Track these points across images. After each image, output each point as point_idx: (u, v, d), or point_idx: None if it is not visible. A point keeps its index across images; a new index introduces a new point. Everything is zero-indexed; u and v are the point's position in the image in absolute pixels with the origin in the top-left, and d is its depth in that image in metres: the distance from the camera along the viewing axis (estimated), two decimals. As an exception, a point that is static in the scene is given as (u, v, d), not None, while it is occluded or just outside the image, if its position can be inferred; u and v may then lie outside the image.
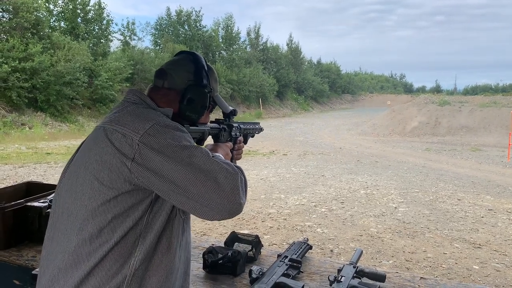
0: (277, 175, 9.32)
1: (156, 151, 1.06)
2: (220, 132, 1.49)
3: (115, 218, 1.07)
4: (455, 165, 11.21)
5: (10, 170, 9.16)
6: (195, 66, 1.32)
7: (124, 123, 1.12)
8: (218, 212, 1.06)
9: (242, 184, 1.10)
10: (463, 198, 7.44)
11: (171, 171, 1.05)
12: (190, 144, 1.11)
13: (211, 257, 1.74)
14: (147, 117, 1.13)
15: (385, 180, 8.97)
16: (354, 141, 16.87)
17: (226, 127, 1.53)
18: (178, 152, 1.06)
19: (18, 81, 16.82)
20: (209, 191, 1.04)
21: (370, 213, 6.46)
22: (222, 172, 1.07)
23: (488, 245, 5.13)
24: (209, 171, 1.06)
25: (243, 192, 1.10)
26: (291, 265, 1.68)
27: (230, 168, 1.09)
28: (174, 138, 1.09)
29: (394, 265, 4.48)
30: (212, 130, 1.45)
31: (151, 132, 1.08)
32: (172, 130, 1.11)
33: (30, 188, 2.34)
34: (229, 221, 5.93)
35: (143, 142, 1.07)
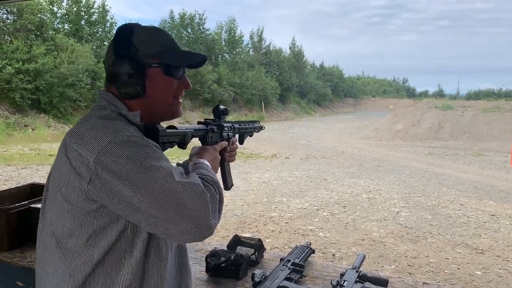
0: (279, 179, 9.32)
1: (113, 174, 0.97)
2: (207, 134, 1.37)
3: (94, 235, 1.03)
4: (458, 170, 11.18)
5: (13, 171, 9.18)
6: (115, 38, 1.16)
7: (81, 140, 1.03)
8: (186, 236, 1.00)
9: (213, 204, 1.02)
10: (465, 203, 7.42)
11: (131, 195, 0.97)
12: (151, 163, 0.99)
13: (214, 260, 1.74)
14: (105, 133, 1.02)
15: (387, 184, 8.96)
16: (357, 145, 16.85)
17: (216, 128, 1.42)
18: (138, 174, 0.97)
19: (22, 82, 16.90)
20: (174, 215, 0.97)
21: (372, 217, 6.45)
22: (187, 193, 0.98)
23: (491, 251, 5.12)
24: (173, 193, 0.97)
25: (215, 213, 1.02)
26: (294, 269, 1.67)
27: (198, 188, 1.00)
28: (133, 157, 0.98)
29: (396, 270, 4.47)
30: (197, 132, 1.33)
31: (107, 152, 0.98)
32: (130, 148, 0.99)
33: (34, 190, 2.34)
34: (231, 224, 5.93)
35: (99, 164, 0.97)
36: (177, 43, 1.21)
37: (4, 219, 1.92)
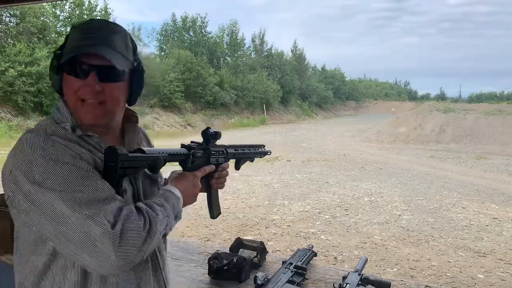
0: (281, 181, 9.32)
1: (21, 193, 0.95)
2: (188, 159, 1.24)
3: (34, 245, 1.03)
4: (460, 173, 11.16)
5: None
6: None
7: (9, 154, 1.02)
8: (90, 268, 0.95)
9: (129, 242, 0.93)
10: (467, 206, 7.41)
11: (36, 217, 0.95)
12: (55, 187, 0.93)
13: (216, 263, 1.74)
14: (21, 150, 0.98)
15: (389, 187, 8.95)
16: (358, 148, 16.84)
17: (202, 152, 1.30)
18: (39, 197, 0.93)
19: (24, 85, 16.98)
20: (73, 246, 0.92)
21: (374, 220, 6.44)
22: (89, 227, 0.91)
23: (493, 254, 5.11)
24: (72, 223, 0.91)
25: (127, 252, 0.93)
26: (296, 272, 1.68)
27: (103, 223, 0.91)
28: (37, 179, 0.94)
29: (398, 273, 4.47)
30: (173, 157, 1.20)
31: (17, 170, 0.96)
32: (38, 168, 0.94)
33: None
34: (233, 227, 5.93)
35: (11, 181, 0.96)
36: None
37: (7, 222, 1.93)
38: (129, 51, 1.11)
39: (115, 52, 1.05)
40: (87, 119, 1.06)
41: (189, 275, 1.81)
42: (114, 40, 1.06)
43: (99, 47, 1.03)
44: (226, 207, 6.92)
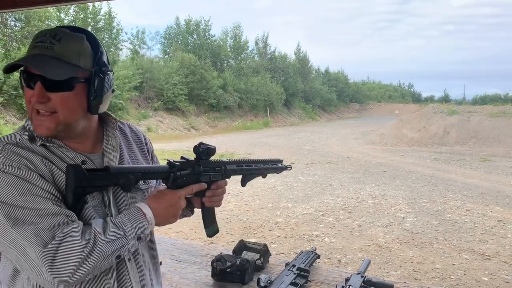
0: (284, 184, 9.32)
1: None
2: (169, 177, 1.19)
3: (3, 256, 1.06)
4: (464, 175, 11.12)
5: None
6: None
7: None
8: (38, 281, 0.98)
9: (62, 261, 0.94)
10: (472, 209, 7.38)
11: None
12: (4, 198, 0.96)
13: (220, 265, 1.75)
14: None
15: (393, 190, 8.93)
16: (362, 150, 16.81)
17: (190, 169, 1.23)
18: None
19: (29, 89, 17.05)
20: (12, 259, 0.98)
21: (378, 223, 6.43)
22: (23, 244, 0.94)
23: (498, 257, 5.08)
24: (8, 238, 0.95)
25: (61, 271, 0.94)
26: (299, 274, 1.68)
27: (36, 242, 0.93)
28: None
29: (402, 275, 4.46)
30: (149, 175, 1.17)
31: None
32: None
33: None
34: (236, 229, 5.94)
35: None
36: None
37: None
38: (83, 57, 1.07)
39: (56, 60, 1.03)
40: (39, 131, 1.06)
41: (193, 277, 1.82)
42: (60, 48, 1.04)
43: (37, 58, 1.03)
44: (229, 210, 6.93)
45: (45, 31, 1.08)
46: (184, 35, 34.24)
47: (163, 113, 24.78)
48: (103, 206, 1.12)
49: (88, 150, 1.17)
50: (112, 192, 1.15)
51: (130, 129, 1.35)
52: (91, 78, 1.09)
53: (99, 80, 1.10)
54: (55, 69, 1.02)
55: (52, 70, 1.01)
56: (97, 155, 1.18)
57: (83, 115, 1.12)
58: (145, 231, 1.10)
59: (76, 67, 1.06)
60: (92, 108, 1.11)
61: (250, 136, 21.85)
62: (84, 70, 1.07)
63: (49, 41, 1.04)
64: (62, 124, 1.07)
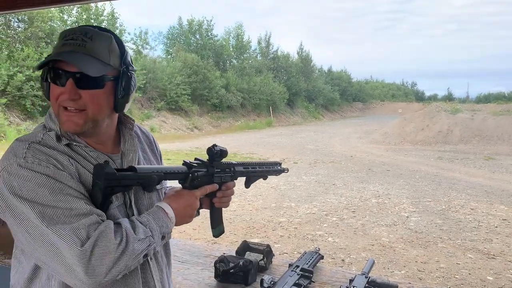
0: (288, 184, 9.30)
1: (3, 200, 0.97)
2: (187, 178, 1.21)
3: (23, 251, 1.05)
4: (468, 174, 11.08)
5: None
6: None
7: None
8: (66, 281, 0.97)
9: (99, 260, 0.93)
10: (476, 208, 7.35)
11: (13, 225, 0.97)
12: (30, 199, 0.94)
13: (223, 266, 1.74)
14: (6, 157, 1.01)
15: (396, 189, 8.90)
16: (365, 150, 16.78)
17: (205, 171, 1.26)
18: (16, 207, 0.95)
19: (32, 89, 17.11)
20: (46, 259, 0.95)
21: (382, 222, 6.41)
22: (59, 243, 0.92)
23: (502, 256, 5.06)
24: (42, 238, 0.93)
25: (97, 269, 0.93)
26: (303, 274, 1.67)
27: (72, 240, 0.92)
28: (15, 189, 0.95)
29: (406, 275, 4.44)
30: (170, 176, 1.18)
31: (1, 176, 0.98)
32: (18, 178, 0.96)
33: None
34: (239, 229, 5.93)
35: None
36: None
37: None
38: (112, 56, 1.09)
39: (90, 57, 1.04)
40: (66, 126, 1.06)
41: (196, 278, 1.82)
42: (92, 46, 1.05)
43: (71, 54, 1.03)
44: (233, 210, 6.92)
45: (74, 29, 1.08)
46: (186, 35, 34.27)
47: (166, 113, 24.82)
48: (125, 206, 1.13)
49: (109, 150, 1.17)
50: (132, 193, 1.16)
51: (140, 130, 1.36)
52: (119, 76, 1.10)
53: (127, 79, 1.11)
54: (90, 66, 1.02)
55: (88, 66, 1.02)
56: (117, 156, 1.19)
57: (109, 114, 1.13)
58: (168, 230, 1.11)
59: (107, 65, 1.07)
60: (119, 107, 1.12)
61: (253, 136, 21.84)
62: (113, 68, 1.08)
63: (80, 38, 1.05)
64: (90, 121, 1.07)
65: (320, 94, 46.21)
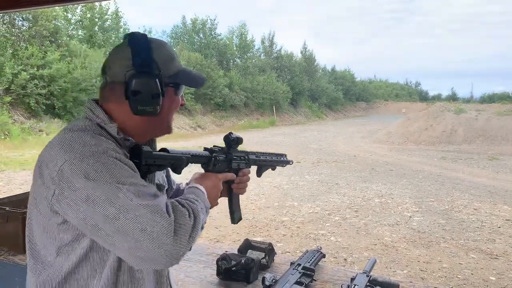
0: (291, 183, 9.31)
1: (73, 189, 0.95)
2: (210, 162, 1.29)
3: (62, 249, 1.03)
4: (472, 174, 11.05)
5: (27, 176, 9.31)
6: (132, 49, 1.10)
7: (50, 153, 1.02)
8: (144, 260, 0.94)
9: (179, 231, 0.95)
10: (479, 208, 7.33)
11: (89, 211, 0.94)
12: (112, 181, 0.95)
13: (225, 264, 1.75)
14: (71, 147, 0.99)
15: (399, 188, 8.89)
16: (369, 149, 16.75)
17: (224, 157, 1.34)
18: (97, 191, 0.93)
19: (36, 88, 17.17)
20: (130, 237, 0.92)
21: (385, 222, 6.41)
22: (147, 216, 0.92)
23: (505, 256, 5.05)
24: (129, 214, 0.92)
25: (179, 240, 0.94)
26: (304, 273, 1.68)
27: (160, 211, 0.94)
28: (94, 174, 0.95)
29: (408, 275, 4.44)
30: (196, 159, 1.25)
31: (69, 166, 0.96)
32: (93, 164, 0.96)
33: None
34: (242, 228, 5.94)
35: (61, 178, 0.96)
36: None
37: (19, 223, 1.96)
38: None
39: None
40: (172, 130, 1.25)
41: (198, 276, 1.83)
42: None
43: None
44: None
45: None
46: (190, 34, 34.31)
47: (170, 112, 24.83)
48: None
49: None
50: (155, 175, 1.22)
51: None
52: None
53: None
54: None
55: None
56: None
57: None
58: (208, 205, 1.16)
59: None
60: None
61: (256, 135, 21.85)
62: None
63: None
64: None
65: (324, 94, 46.16)
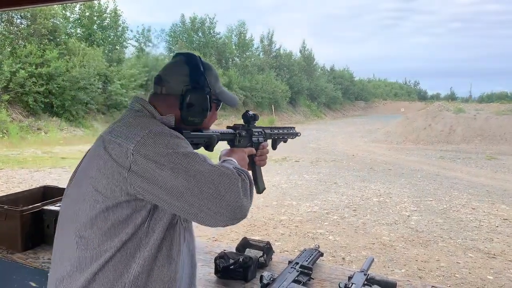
0: (289, 182, 9.31)
1: (151, 160, 1.05)
2: (235, 138, 1.46)
3: (114, 226, 1.09)
4: (470, 174, 11.07)
5: (26, 174, 9.31)
6: (189, 67, 1.29)
7: (120, 133, 1.13)
8: (219, 218, 1.06)
9: (244, 187, 1.09)
10: (477, 207, 7.35)
11: (166, 178, 1.04)
12: (186, 150, 1.09)
13: (223, 262, 1.76)
14: (143, 126, 1.13)
15: (398, 188, 8.90)
16: (367, 149, 16.77)
17: (245, 132, 1.50)
18: (172, 159, 1.06)
19: (35, 86, 17.14)
20: (207, 197, 1.04)
21: (383, 221, 6.42)
22: (219, 175, 1.06)
23: (503, 255, 5.06)
24: (205, 176, 1.05)
25: (246, 195, 1.09)
26: (302, 271, 1.68)
27: (229, 171, 1.08)
28: (168, 145, 1.08)
29: (406, 273, 4.45)
30: (224, 136, 1.41)
31: (145, 141, 1.08)
32: (166, 137, 1.10)
33: (47, 192, 2.39)
34: (241, 227, 5.94)
35: (138, 151, 1.07)
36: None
37: (18, 221, 1.96)
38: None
39: None
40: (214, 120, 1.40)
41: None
42: None
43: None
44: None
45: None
46: (189, 33, 34.26)
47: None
48: None
49: None
50: None
51: None
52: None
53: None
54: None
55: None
56: None
57: None
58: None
59: None
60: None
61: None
62: None
63: None
64: None
65: (323, 93, 46.13)
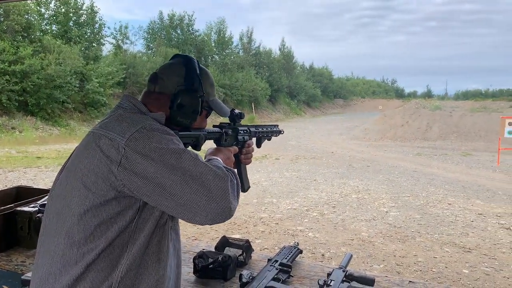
0: (269, 179, 9.33)
1: (142, 155, 1.04)
2: (221, 137, 1.45)
3: (102, 224, 1.06)
4: (446, 170, 11.30)
5: (0, 174, 9.07)
6: (186, 69, 1.28)
7: (111, 128, 1.11)
8: (207, 217, 1.05)
9: (232, 188, 1.09)
10: (453, 203, 7.50)
11: (157, 174, 1.03)
12: (178, 147, 1.09)
13: (202, 262, 1.74)
14: (134, 122, 1.12)
15: (376, 184, 9.01)
16: (346, 146, 16.94)
17: (231, 131, 1.50)
18: (164, 156, 1.05)
19: (8, 84, 16.72)
20: (197, 195, 1.03)
21: (361, 217, 6.49)
22: (210, 175, 1.06)
23: (478, 249, 5.18)
24: (196, 174, 1.05)
25: (234, 196, 1.09)
26: (281, 269, 1.68)
27: (219, 171, 1.08)
28: (161, 141, 1.07)
29: (385, 269, 4.51)
30: (210, 135, 1.41)
31: (137, 135, 1.07)
32: (159, 134, 1.09)
33: (20, 193, 2.33)
34: (221, 225, 5.92)
35: (129, 146, 1.06)
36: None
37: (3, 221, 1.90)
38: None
39: None
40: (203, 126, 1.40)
41: (175, 274, 1.81)
42: None
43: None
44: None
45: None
46: (167, 30, 33.97)
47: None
48: None
49: None
50: None
51: None
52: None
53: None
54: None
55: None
56: None
57: None
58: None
59: None
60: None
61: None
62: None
63: None
64: None
65: (302, 91, 46.43)
